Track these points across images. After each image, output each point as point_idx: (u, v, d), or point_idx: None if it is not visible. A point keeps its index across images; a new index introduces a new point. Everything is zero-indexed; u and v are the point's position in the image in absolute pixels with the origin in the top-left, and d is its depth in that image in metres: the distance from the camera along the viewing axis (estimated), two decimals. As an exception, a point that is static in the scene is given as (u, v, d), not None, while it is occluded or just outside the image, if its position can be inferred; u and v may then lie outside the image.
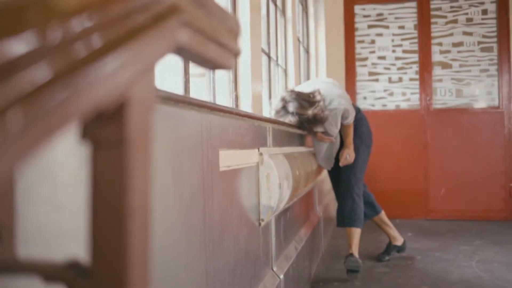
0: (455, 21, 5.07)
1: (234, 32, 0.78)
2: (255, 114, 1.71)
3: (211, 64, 0.76)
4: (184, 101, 1.03)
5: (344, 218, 2.93)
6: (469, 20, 5.05)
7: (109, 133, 0.44)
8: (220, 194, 1.28)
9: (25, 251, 0.55)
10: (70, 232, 0.64)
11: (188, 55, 0.65)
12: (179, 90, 1.62)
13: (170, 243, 0.93)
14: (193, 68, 1.78)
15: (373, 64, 5.20)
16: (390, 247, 3.29)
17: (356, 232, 2.90)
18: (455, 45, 5.07)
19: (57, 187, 0.63)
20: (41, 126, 0.33)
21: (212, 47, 0.69)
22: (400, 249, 3.30)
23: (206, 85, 1.91)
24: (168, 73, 1.59)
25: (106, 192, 0.44)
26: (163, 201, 0.89)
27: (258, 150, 1.70)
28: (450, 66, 5.06)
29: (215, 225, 1.22)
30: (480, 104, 5.01)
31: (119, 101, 0.43)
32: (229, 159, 1.36)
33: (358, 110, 2.96)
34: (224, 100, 2.08)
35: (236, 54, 0.79)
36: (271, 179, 1.71)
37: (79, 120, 0.44)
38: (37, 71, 0.33)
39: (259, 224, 1.69)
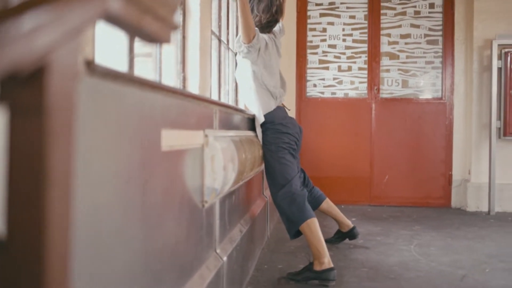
0: (404, 13, 5.20)
1: (172, 6, 0.76)
2: (201, 95, 1.70)
3: (147, 37, 0.74)
4: (123, 78, 1.01)
5: (289, 222, 2.63)
6: (417, 13, 5.19)
7: (27, 99, 0.42)
8: (161, 173, 1.26)
9: None
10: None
11: (121, 25, 0.64)
12: (123, 69, 1.58)
13: (105, 222, 0.92)
14: (139, 48, 1.74)
15: (323, 52, 5.26)
16: (338, 233, 3.37)
17: (312, 225, 2.56)
18: (402, 36, 5.20)
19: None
20: None
21: (148, 19, 0.68)
22: (349, 235, 3.36)
23: (152, 65, 1.88)
24: (112, 52, 1.55)
25: (23, 161, 0.43)
26: (96, 178, 0.87)
27: (204, 132, 1.69)
28: (397, 57, 5.20)
29: (156, 205, 1.21)
30: (425, 95, 5.18)
31: (38, 65, 0.41)
32: (172, 139, 1.34)
33: (272, 118, 2.69)
34: (171, 81, 2.05)
35: (173, 28, 0.77)
36: (215, 161, 1.71)
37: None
38: None
39: (203, 205, 1.68)
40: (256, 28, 2.62)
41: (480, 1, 4.81)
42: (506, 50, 4.66)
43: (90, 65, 0.85)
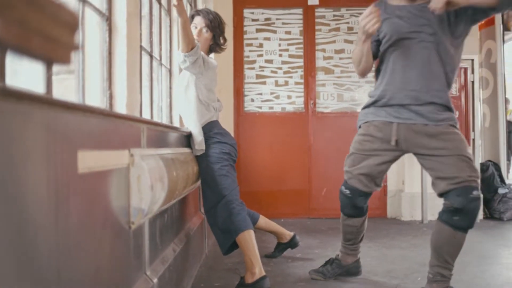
0: (338, 29, 5.35)
1: (70, 25, 0.73)
2: (124, 114, 1.65)
3: (42, 58, 0.71)
4: (30, 98, 0.96)
5: (226, 234, 2.61)
6: (350, 29, 5.35)
7: None
8: (78, 197, 1.21)
9: None
10: None
11: (5, 47, 0.60)
12: (39, 89, 1.51)
13: (5, 254, 0.86)
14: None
15: (260, 67, 5.32)
16: (279, 246, 3.39)
17: (248, 236, 2.57)
18: (337, 52, 5.34)
19: None
20: None
21: (38, 41, 0.65)
22: (290, 245, 3.39)
23: (75, 83, 1.82)
24: (27, 70, 1.48)
25: None
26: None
27: (129, 152, 1.65)
28: (332, 72, 5.33)
29: (72, 229, 1.16)
30: (360, 108, 5.31)
31: None
32: (91, 160, 1.30)
33: (210, 129, 2.71)
34: (96, 99, 1.99)
35: (72, 48, 0.74)
36: (142, 181, 1.66)
37: None
38: None
39: (129, 227, 1.63)
40: (198, 43, 2.62)
41: (408, 18, 5.02)
42: (433, 64, 4.86)
43: (-13, 86, 0.81)
